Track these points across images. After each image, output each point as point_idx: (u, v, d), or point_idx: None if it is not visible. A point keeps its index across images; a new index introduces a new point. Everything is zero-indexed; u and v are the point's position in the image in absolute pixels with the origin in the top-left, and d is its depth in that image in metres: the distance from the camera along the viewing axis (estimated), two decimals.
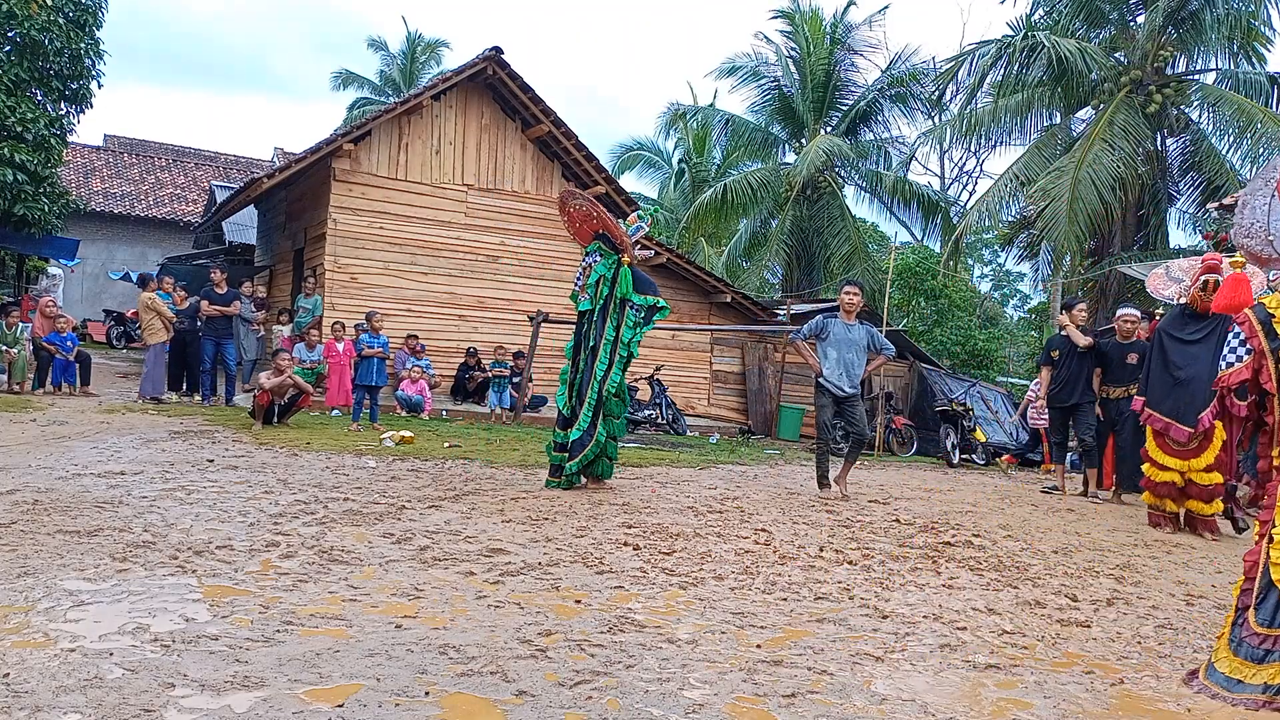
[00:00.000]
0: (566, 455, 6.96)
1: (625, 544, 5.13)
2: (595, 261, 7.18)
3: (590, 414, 6.96)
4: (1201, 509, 6.98)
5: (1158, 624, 4.27)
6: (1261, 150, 17.64)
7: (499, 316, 15.34)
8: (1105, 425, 8.93)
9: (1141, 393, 7.34)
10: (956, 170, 30.07)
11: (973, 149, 23.49)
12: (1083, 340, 8.73)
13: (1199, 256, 7.65)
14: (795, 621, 3.92)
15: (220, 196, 20.37)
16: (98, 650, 3.00)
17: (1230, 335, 3.85)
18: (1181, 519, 7.10)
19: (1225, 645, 3.44)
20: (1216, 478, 6.84)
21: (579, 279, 7.27)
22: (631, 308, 7.09)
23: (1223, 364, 3.86)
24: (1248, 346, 3.74)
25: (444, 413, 13.48)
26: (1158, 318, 7.52)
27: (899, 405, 17.10)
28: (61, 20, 16.66)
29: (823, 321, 7.68)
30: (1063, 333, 9.28)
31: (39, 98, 17.32)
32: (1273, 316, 3.68)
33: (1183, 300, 7.26)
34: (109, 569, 3.98)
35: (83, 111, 18.33)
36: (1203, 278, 6.94)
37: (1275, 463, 3.63)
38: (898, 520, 6.51)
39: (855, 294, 7.68)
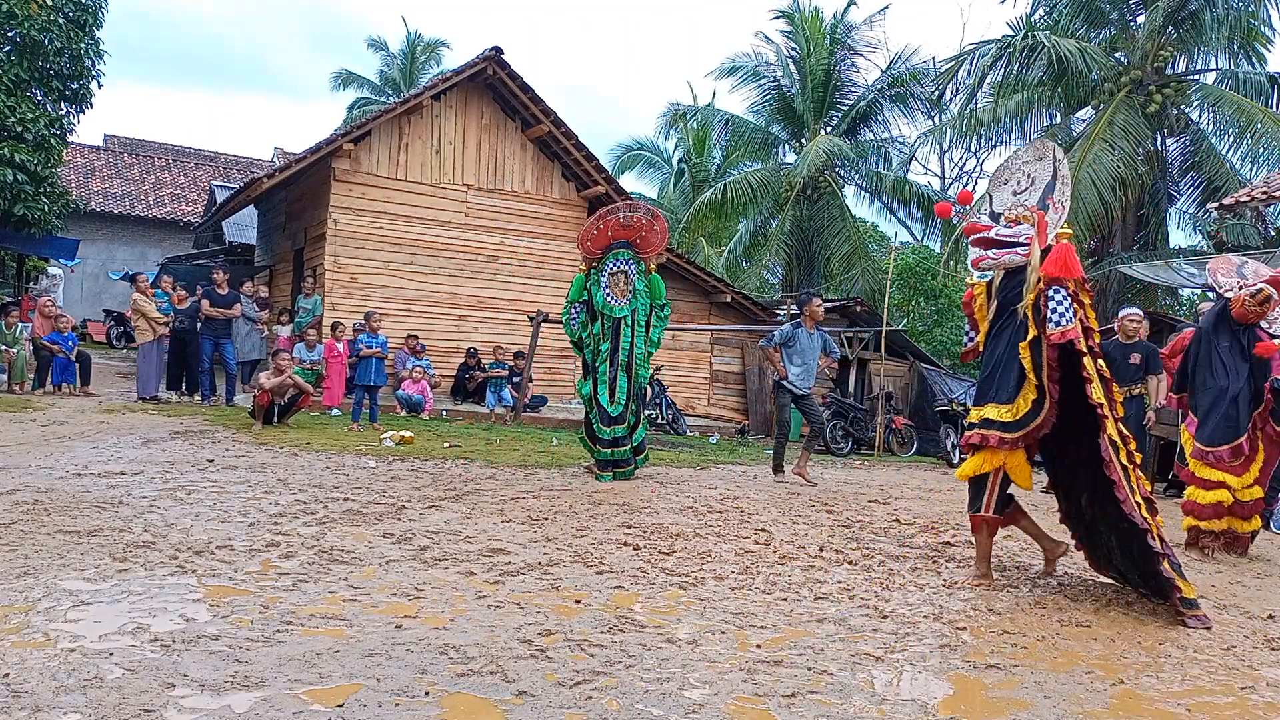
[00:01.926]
0: (627, 450, 7.76)
1: (625, 544, 5.13)
2: (630, 269, 7.88)
3: (637, 410, 7.90)
4: (1241, 526, 6.41)
5: (1158, 624, 4.27)
6: (1262, 150, 17.65)
7: (499, 316, 15.33)
8: None
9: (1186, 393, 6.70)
10: (956, 170, 30.04)
11: (973, 149, 23.48)
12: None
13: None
14: (795, 621, 3.92)
15: (220, 196, 20.36)
16: (98, 650, 3.00)
17: (1056, 295, 4.41)
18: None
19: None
20: (1258, 492, 6.40)
21: (606, 283, 7.85)
22: (658, 309, 8.03)
23: (1052, 325, 4.39)
24: (1073, 309, 4.39)
25: (444, 413, 13.47)
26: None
27: (899, 405, 17.08)
28: (61, 20, 16.65)
29: (790, 330, 8.59)
30: None
31: (39, 98, 17.31)
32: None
33: (1228, 296, 6.51)
34: (109, 569, 3.98)
35: (83, 111, 18.32)
36: (1258, 285, 6.36)
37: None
38: (898, 520, 6.51)
39: (822, 305, 8.88)
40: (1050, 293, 4.43)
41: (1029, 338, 4.53)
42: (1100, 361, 4.56)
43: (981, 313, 4.95)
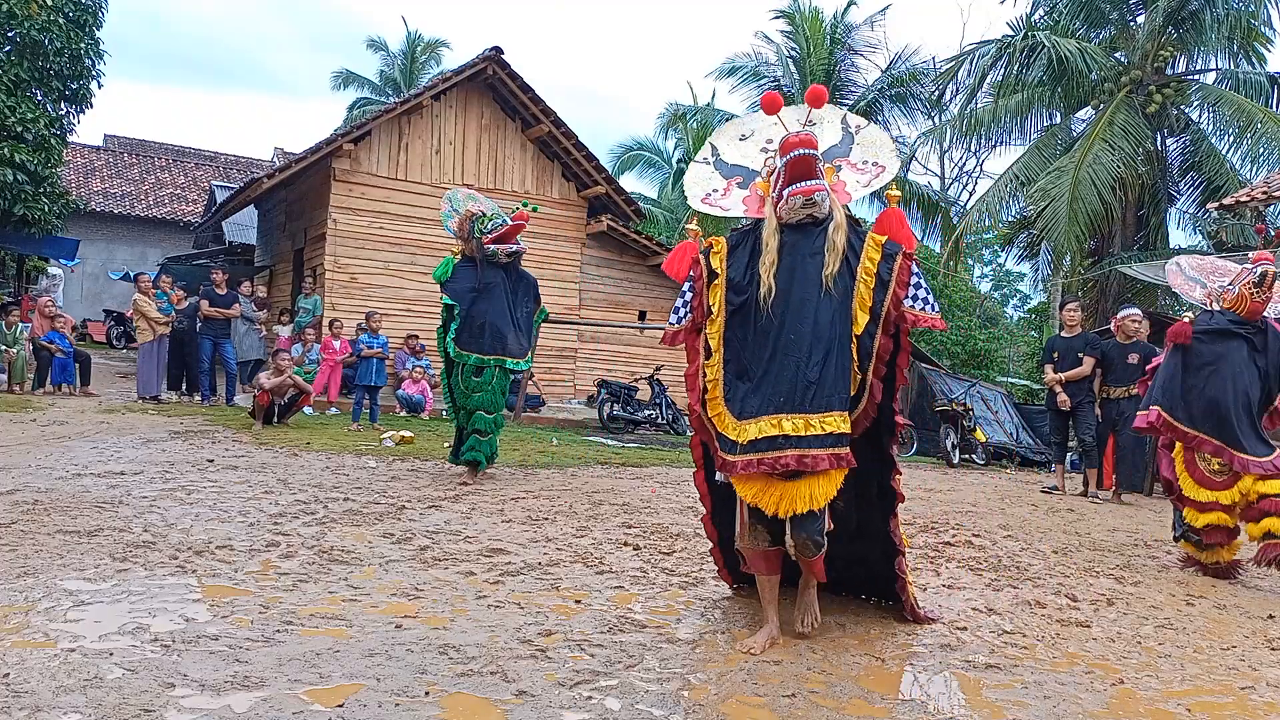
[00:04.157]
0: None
1: (625, 544, 5.13)
2: None
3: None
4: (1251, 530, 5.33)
5: (1158, 624, 4.27)
6: (1262, 150, 17.65)
7: None
8: (1105, 425, 8.95)
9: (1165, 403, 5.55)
10: (956, 170, 30.01)
11: (973, 149, 23.49)
12: (1066, 404, 8.95)
13: (1206, 256, 6.90)
14: None
15: (220, 196, 20.38)
16: (98, 650, 2.99)
17: (919, 272, 3.61)
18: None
19: None
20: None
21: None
22: None
23: (918, 305, 3.55)
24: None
25: (444, 413, 13.45)
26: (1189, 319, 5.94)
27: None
28: (61, 20, 16.66)
29: None
30: (1062, 333, 9.36)
31: (39, 98, 17.33)
32: None
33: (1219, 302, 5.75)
34: (109, 569, 3.98)
35: (83, 111, 18.35)
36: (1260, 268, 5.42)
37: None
38: None
39: None
40: (914, 268, 3.59)
41: (864, 323, 3.53)
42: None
43: (720, 281, 3.66)
